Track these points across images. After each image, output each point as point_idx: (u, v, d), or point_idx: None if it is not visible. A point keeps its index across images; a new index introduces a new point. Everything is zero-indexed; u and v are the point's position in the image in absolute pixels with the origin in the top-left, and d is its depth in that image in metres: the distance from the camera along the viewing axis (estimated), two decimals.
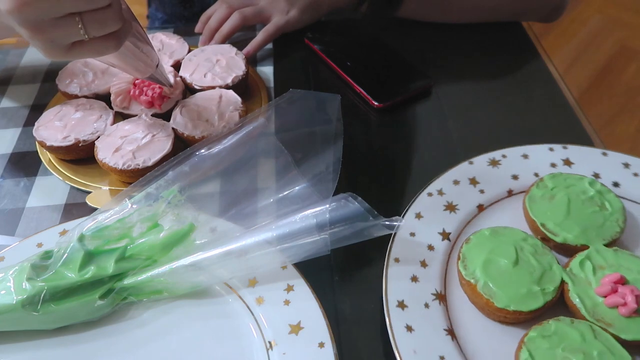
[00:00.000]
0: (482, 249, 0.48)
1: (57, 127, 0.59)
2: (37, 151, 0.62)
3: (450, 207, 0.53)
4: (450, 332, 0.45)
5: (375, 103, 0.67)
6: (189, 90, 0.66)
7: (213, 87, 0.64)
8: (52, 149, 0.58)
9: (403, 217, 0.52)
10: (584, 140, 0.63)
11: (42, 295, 0.44)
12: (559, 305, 0.46)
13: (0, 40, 0.81)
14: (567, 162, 0.57)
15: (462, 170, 0.56)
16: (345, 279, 0.51)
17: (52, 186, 0.59)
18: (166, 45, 0.71)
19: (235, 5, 0.75)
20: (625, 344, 0.42)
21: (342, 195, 0.47)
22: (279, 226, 0.47)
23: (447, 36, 0.79)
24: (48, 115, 0.61)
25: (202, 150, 0.52)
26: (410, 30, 0.80)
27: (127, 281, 0.46)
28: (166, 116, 0.61)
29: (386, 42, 0.76)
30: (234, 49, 0.69)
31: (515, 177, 0.56)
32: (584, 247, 0.48)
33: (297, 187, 0.51)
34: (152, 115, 0.61)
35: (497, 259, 0.47)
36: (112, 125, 0.60)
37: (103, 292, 0.45)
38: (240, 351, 0.44)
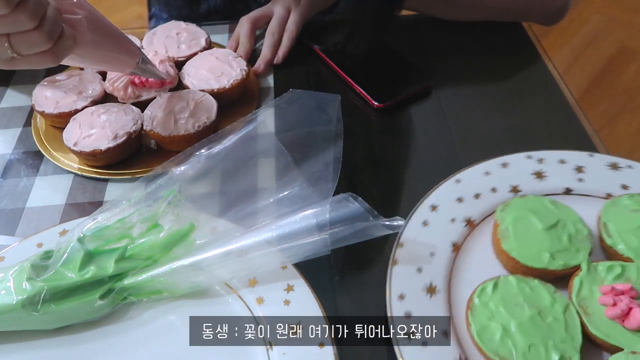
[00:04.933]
0: (529, 208, 0.49)
1: (54, 92, 0.63)
2: (37, 151, 0.62)
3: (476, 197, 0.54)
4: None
5: (375, 103, 0.67)
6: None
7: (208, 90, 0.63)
8: (45, 115, 0.62)
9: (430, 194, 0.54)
10: (584, 140, 0.63)
11: (42, 295, 0.44)
12: (561, 284, 0.46)
13: None
14: None
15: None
16: (345, 279, 0.51)
17: (51, 186, 0.59)
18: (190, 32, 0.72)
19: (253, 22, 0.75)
20: (588, 338, 0.42)
21: (342, 195, 0.46)
22: (279, 226, 0.47)
23: (447, 36, 0.78)
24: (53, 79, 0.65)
25: (202, 150, 0.52)
26: (410, 30, 0.80)
27: (127, 281, 0.46)
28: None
29: (386, 42, 0.76)
30: (233, 54, 0.69)
31: (580, 177, 0.54)
32: (629, 260, 0.46)
33: (297, 187, 0.51)
34: (133, 103, 0.62)
35: (533, 219, 0.48)
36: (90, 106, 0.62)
37: (103, 292, 0.45)
38: (240, 351, 0.44)
